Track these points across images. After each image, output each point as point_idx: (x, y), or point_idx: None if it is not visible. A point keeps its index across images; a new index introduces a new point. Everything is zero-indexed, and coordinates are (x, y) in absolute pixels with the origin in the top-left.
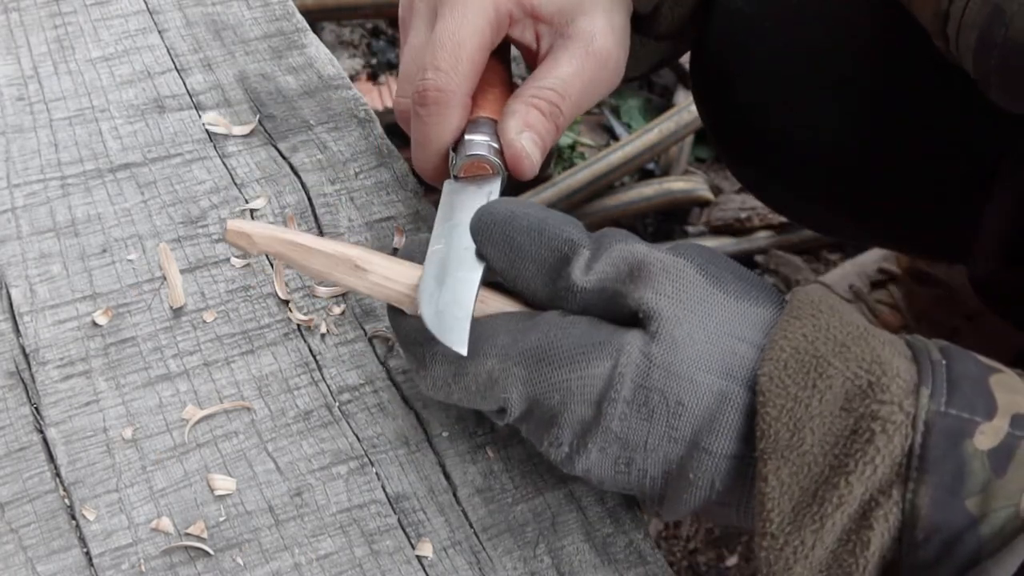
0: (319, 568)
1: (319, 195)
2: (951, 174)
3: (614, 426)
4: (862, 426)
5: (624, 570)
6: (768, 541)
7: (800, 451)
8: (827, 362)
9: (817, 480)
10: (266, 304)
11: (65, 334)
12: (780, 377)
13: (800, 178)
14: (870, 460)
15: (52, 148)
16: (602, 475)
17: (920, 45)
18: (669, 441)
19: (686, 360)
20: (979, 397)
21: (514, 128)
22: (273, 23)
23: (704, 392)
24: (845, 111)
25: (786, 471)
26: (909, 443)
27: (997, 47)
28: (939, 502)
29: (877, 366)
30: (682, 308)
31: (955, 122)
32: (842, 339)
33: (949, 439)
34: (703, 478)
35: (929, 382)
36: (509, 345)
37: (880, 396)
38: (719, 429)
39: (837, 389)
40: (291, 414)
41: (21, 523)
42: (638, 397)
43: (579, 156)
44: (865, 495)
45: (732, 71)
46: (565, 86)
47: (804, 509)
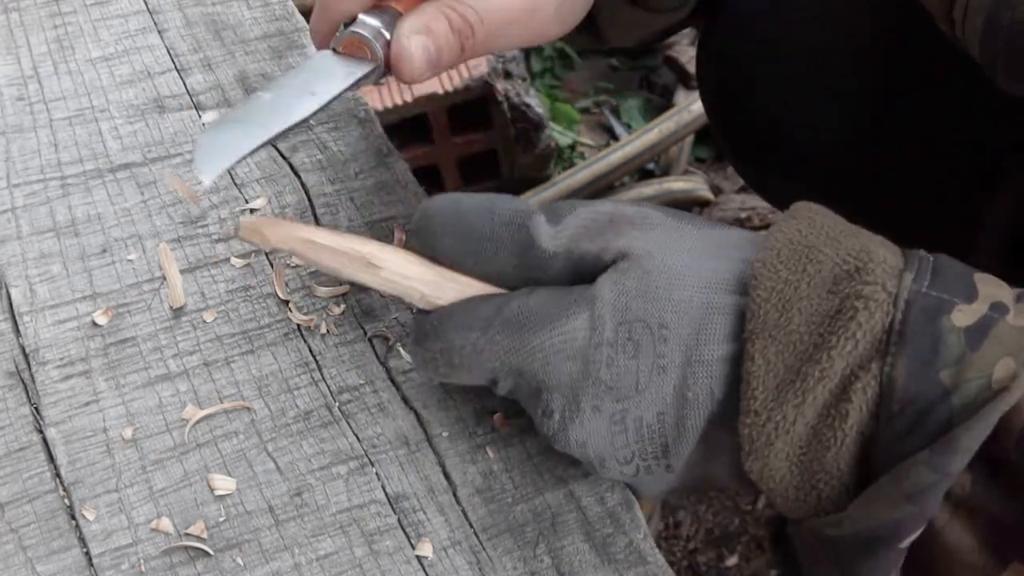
0: (319, 568)
1: (319, 195)
2: (952, 173)
3: (602, 374)
4: (847, 305)
5: (624, 570)
6: (751, 418)
7: (787, 330)
8: (818, 250)
9: (801, 357)
10: (266, 304)
11: (65, 334)
12: (773, 263)
13: (802, 176)
14: (851, 335)
15: (52, 148)
16: (599, 443)
17: (923, 44)
18: (659, 372)
19: (661, 284)
20: (961, 284)
21: (411, 27)
22: (273, 23)
23: (685, 306)
24: (847, 110)
25: (772, 349)
26: (889, 319)
27: (1004, 30)
28: (914, 373)
29: (865, 254)
30: (652, 243)
31: (957, 121)
32: (835, 234)
33: (927, 315)
34: (701, 392)
35: (914, 268)
36: (492, 314)
37: (865, 278)
38: (708, 336)
39: (826, 273)
40: (291, 414)
41: (21, 523)
42: (621, 334)
43: (579, 156)
44: (846, 370)
45: (739, 67)
46: (489, 10)
47: (787, 386)
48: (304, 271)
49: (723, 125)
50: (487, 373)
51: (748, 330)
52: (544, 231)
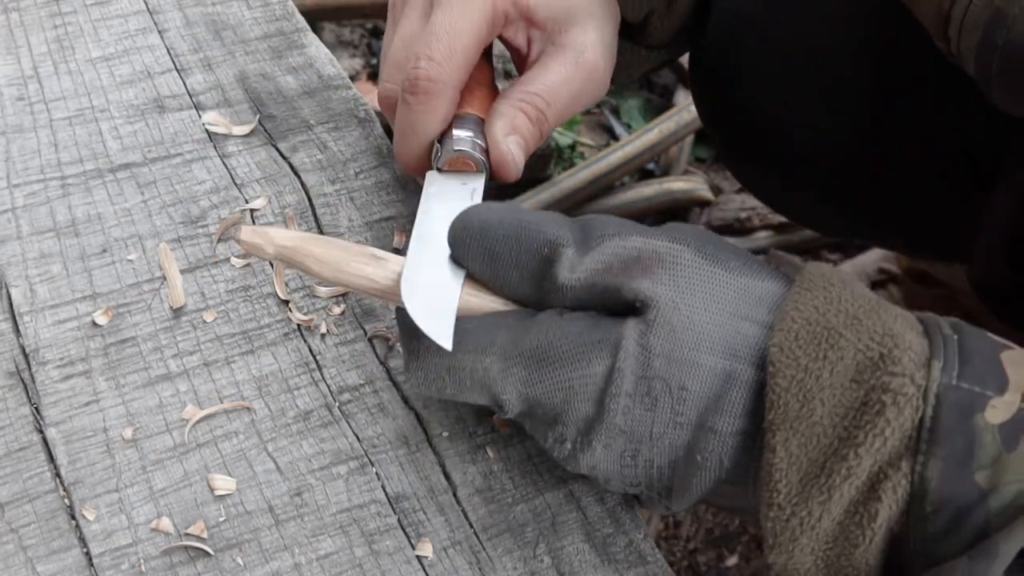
0: (319, 568)
1: (319, 195)
2: (950, 174)
3: (617, 420)
4: (872, 398)
5: (624, 570)
6: (775, 512)
7: (809, 422)
8: (839, 334)
9: (826, 451)
10: (266, 304)
11: (65, 334)
12: (791, 348)
13: (799, 177)
14: (880, 432)
15: (52, 148)
16: (608, 470)
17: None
18: (675, 427)
19: (686, 344)
20: (990, 372)
21: (501, 130)
22: (273, 23)
23: (707, 374)
24: (844, 110)
25: (795, 442)
26: (920, 415)
27: (998, 50)
28: (949, 475)
29: (889, 338)
30: (679, 293)
31: (954, 122)
32: (854, 312)
33: (960, 412)
34: (711, 459)
35: (941, 355)
36: (509, 344)
37: (891, 368)
38: (725, 408)
39: (848, 360)
40: (291, 414)
41: (21, 523)
42: (640, 388)
43: (579, 156)
44: (874, 467)
45: (731, 70)
46: (553, 94)
47: (812, 480)
48: None
49: (717, 126)
50: (495, 398)
51: (768, 420)
52: (567, 263)
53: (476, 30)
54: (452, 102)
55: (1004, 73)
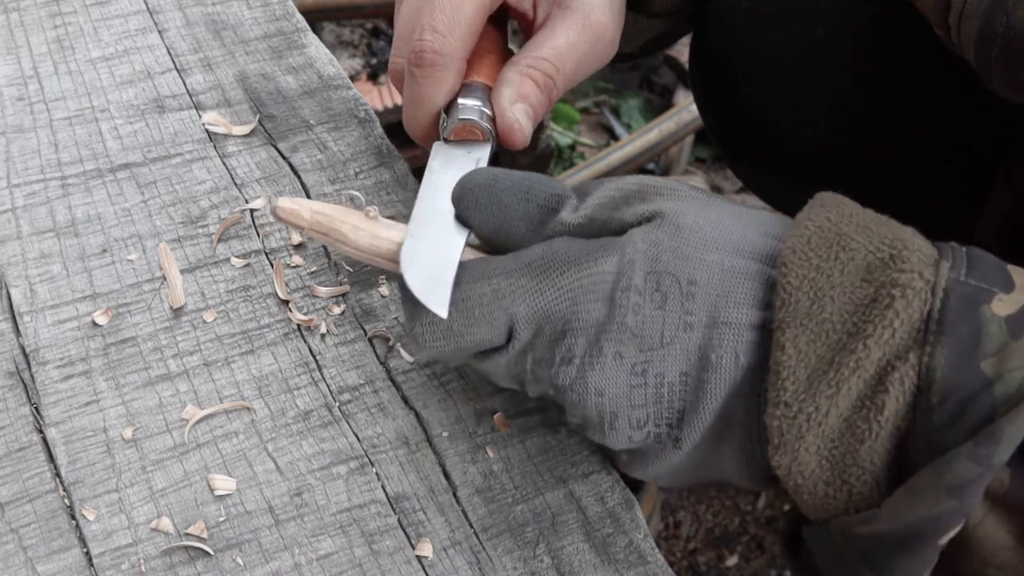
0: (319, 568)
1: (319, 195)
2: (950, 170)
3: (628, 320)
4: (882, 293)
5: (624, 570)
6: (781, 410)
7: (819, 319)
8: (850, 238)
9: (834, 347)
10: (266, 304)
11: (65, 334)
12: (803, 250)
13: (799, 175)
14: (888, 324)
15: (52, 148)
16: (617, 394)
17: (920, 40)
18: (685, 328)
19: (693, 242)
20: (997, 274)
21: (508, 97)
22: (273, 23)
23: (716, 268)
24: (844, 108)
25: (804, 339)
26: (928, 308)
27: (998, 36)
28: (955, 364)
29: (899, 242)
30: (683, 206)
31: (955, 118)
32: (865, 222)
33: (967, 304)
34: (727, 355)
35: (949, 257)
36: (511, 261)
37: (901, 266)
38: (736, 299)
39: (859, 261)
40: (291, 414)
41: (21, 523)
42: (649, 283)
43: (579, 156)
44: (882, 360)
45: (731, 66)
46: (561, 58)
47: (820, 376)
48: (304, 271)
49: (717, 124)
50: (506, 322)
51: (778, 318)
52: (568, 209)
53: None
54: (458, 72)
55: (1005, 60)
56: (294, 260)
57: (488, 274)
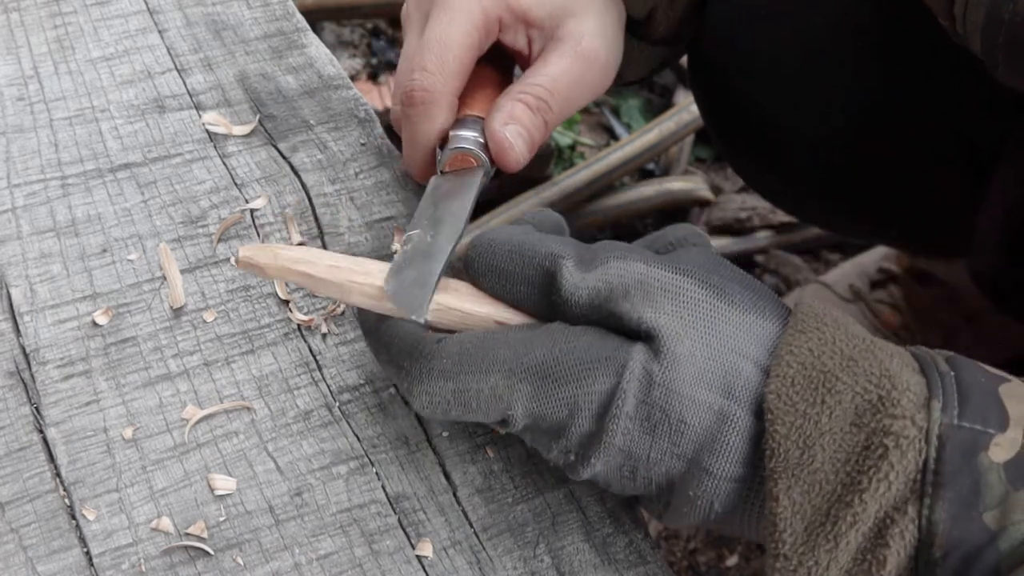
0: (319, 568)
1: (319, 195)
2: (951, 166)
3: (617, 440)
4: (874, 442)
5: (624, 570)
6: (781, 563)
7: (811, 469)
8: (835, 377)
9: (830, 499)
10: (266, 304)
11: (65, 334)
12: (788, 394)
13: (799, 172)
14: (884, 477)
15: (52, 148)
16: (608, 480)
17: (920, 36)
18: (672, 457)
19: (687, 378)
20: (991, 408)
21: (499, 120)
22: (273, 23)
23: (705, 411)
24: (843, 104)
25: (797, 490)
26: (923, 458)
27: (1004, 24)
28: (956, 517)
29: (887, 380)
30: (683, 324)
31: (955, 115)
32: (849, 353)
33: (964, 452)
34: (703, 498)
35: (940, 395)
36: (512, 360)
37: (891, 410)
38: (720, 450)
39: (847, 404)
40: (291, 414)
41: (21, 523)
42: (640, 412)
43: (579, 156)
44: (880, 513)
45: (730, 63)
46: (552, 83)
47: (817, 528)
48: None
49: (717, 122)
50: (502, 415)
51: (769, 468)
52: (569, 279)
53: (467, 37)
54: (449, 108)
55: (1010, 47)
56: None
57: (488, 368)
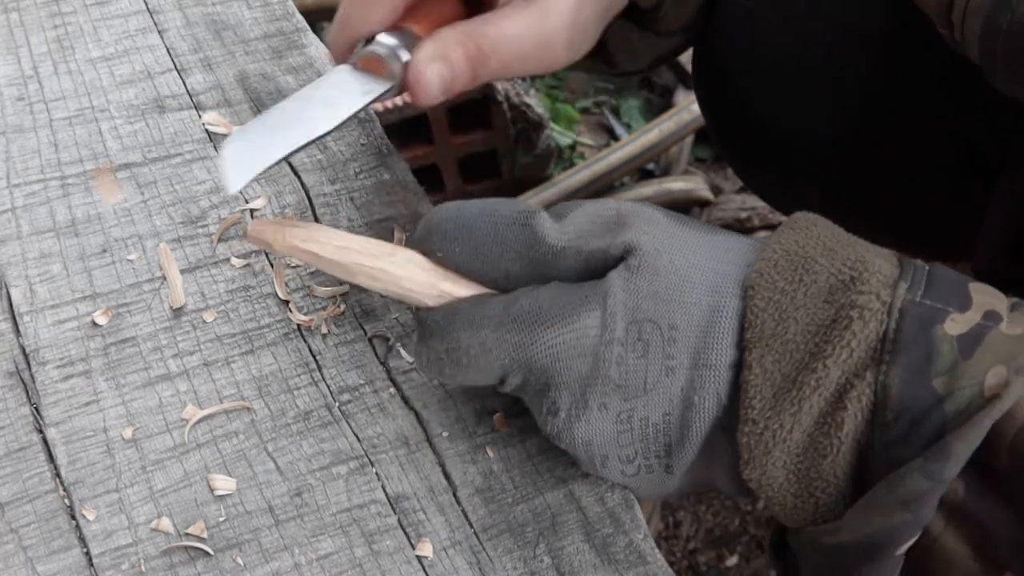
0: (319, 568)
1: (319, 195)
2: (953, 169)
3: (612, 372)
4: (842, 314)
5: (624, 570)
6: (749, 427)
7: (783, 339)
8: (814, 260)
9: (798, 366)
10: (266, 304)
11: (65, 334)
12: (769, 274)
13: (799, 174)
14: (846, 344)
15: (52, 148)
16: (604, 440)
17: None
18: (667, 373)
19: (672, 285)
20: (955, 293)
21: (429, 53)
22: (273, 23)
23: (694, 309)
24: (846, 107)
25: (769, 358)
26: (884, 328)
27: (1002, 33)
28: (908, 382)
29: (860, 263)
30: (659, 242)
31: (958, 118)
32: (831, 244)
33: (921, 324)
34: (708, 396)
35: (909, 278)
36: (500, 313)
37: (860, 287)
38: (715, 340)
39: (822, 283)
40: (291, 414)
41: (21, 523)
42: (631, 333)
43: (579, 156)
44: (841, 378)
45: (734, 67)
46: (501, 42)
47: (784, 394)
48: (304, 271)
49: (719, 124)
50: (496, 371)
51: (746, 339)
52: (549, 228)
53: None
54: (391, 8)
55: (1009, 56)
56: (294, 260)
57: (477, 323)
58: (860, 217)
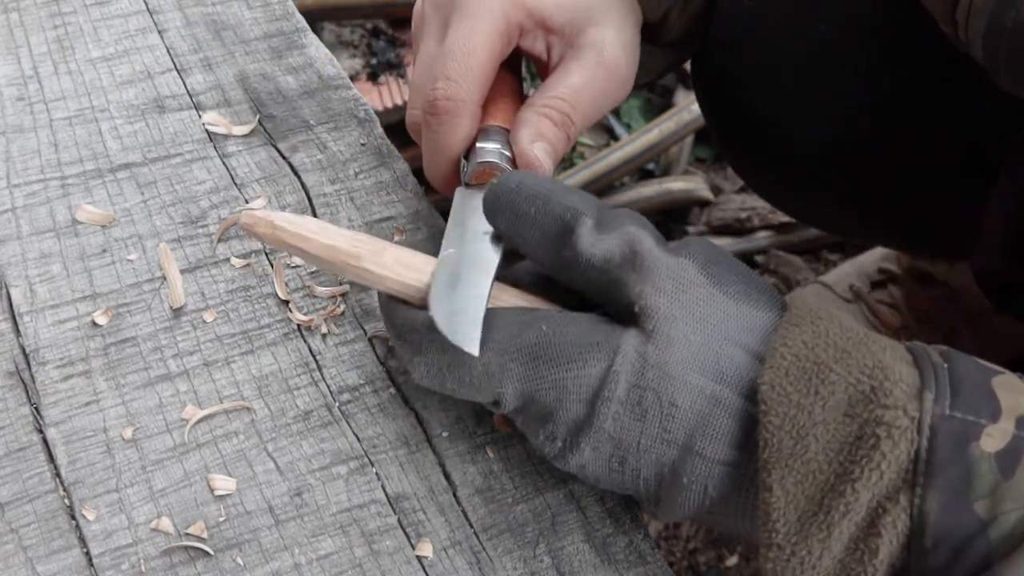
0: (319, 568)
1: (319, 195)
2: (954, 169)
3: (607, 426)
4: (867, 432)
5: (624, 570)
6: (774, 552)
7: (804, 459)
8: (828, 368)
9: (822, 488)
10: (266, 304)
11: (65, 334)
12: (782, 385)
13: (800, 173)
14: (876, 466)
15: (52, 148)
16: (596, 472)
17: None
18: (662, 443)
19: (680, 361)
20: (983, 399)
21: (527, 138)
22: (273, 23)
23: (697, 394)
24: (847, 107)
25: (791, 480)
26: (915, 448)
27: (1007, 31)
28: (947, 507)
29: (879, 371)
30: (679, 308)
31: (960, 118)
32: (843, 345)
33: (955, 442)
34: (696, 483)
35: (932, 386)
36: (506, 340)
37: (884, 401)
38: (712, 433)
39: (840, 395)
40: (291, 414)
41: (21, 523)
42: (632, 396)
43: (579, 156)
44: (872, 502)
45: (735, 66)
46: (575, 96)
47: (810, 518)
48: (304, 271)
49: (720, 125)
50: (494, 395)
51: (763, 459)
52: (587, 236)
53: (490, 44)
54: (473, 117)
55: (1012, 55)
56: (294, 260)
57: (483, 346)
58: (861, 217)
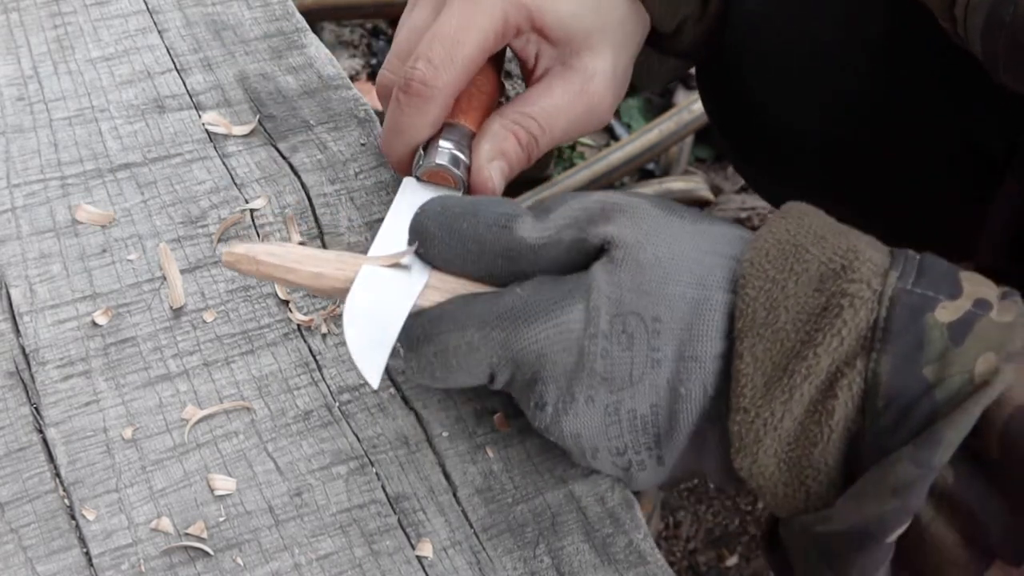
0: (319, 568)
1: (319, 195)
2: (959, 170)
3: (597, 366)
4: (832, 303)
5: (624, 570)
6: (740, 415)
7: (774, 328)
8: (805, 249)
9: (789, 355)
10: (266, 304)
11: (65, 334)
12: (760, 262)
13: (803, 173)
14: (837, 332)
15: (52, 148)
16: (593, 433)
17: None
18: (653, 365)
19: (655, 278)
20: (945, 281)
21: (487, 153)
22: (273, 23)
23: (679, 301)
24: (851, 108)
25: (760, 347)
26: (874, 316)
27: (1005, 27)
28: (898, 369)
29: (851, 252)
30: (643, 234)
31: (964, 119)
32: (822, 232)
33: (911, 312)
34: (694, 386)
35: (900, 267)
36: (485, 311)
37: (851, 276)
38: (701, 332)
39: (813, 272)
40: (291, 414)
41: (21, 523)
42: (615, 326)
43: (579, 156)
44: (832, 367)
45: (740, 67)
46: (549, 119)
47: (775, 383)
48: None
49: (723, 124)
50: (484, 370)
51: (737, 328)
52: (529, 228)
53: (481, 39)
54: (444, 108)
55: (1011, 51)
56: None
57: (463, 323)
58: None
